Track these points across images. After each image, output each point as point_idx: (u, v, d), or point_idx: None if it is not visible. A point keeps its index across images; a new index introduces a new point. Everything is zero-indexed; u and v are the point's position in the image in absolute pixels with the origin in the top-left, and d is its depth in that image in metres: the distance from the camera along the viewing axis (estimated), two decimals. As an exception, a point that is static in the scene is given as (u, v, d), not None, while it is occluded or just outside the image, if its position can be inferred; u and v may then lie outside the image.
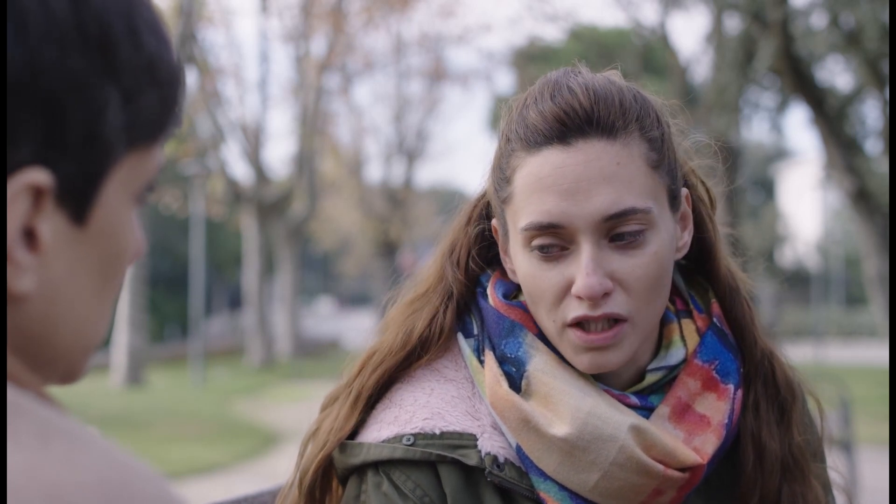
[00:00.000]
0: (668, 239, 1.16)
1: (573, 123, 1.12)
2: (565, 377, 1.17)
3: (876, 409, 11.88)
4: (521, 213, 1.15)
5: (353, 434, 1.23)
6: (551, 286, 1.14)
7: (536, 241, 1.14)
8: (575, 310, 1.13)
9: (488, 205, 1.28)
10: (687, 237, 1.23)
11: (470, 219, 1.30)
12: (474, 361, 1.22)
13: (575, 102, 1.13)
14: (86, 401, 13.59)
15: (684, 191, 1.22)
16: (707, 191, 1.29)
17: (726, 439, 1.19)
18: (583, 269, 1.11)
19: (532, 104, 1.16)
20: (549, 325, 1.17)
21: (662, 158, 1.16)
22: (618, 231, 1.12)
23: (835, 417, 7.22)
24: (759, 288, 1.35)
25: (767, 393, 1.25)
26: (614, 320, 1.13)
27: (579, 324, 1.14)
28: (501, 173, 1.19)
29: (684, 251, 1.23)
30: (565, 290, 1.14)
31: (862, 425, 9.68)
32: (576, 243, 1.13)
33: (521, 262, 1.18)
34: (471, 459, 1.16)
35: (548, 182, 1.12)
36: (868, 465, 7.98)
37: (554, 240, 1.13)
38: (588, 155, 1.12)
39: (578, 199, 1.11)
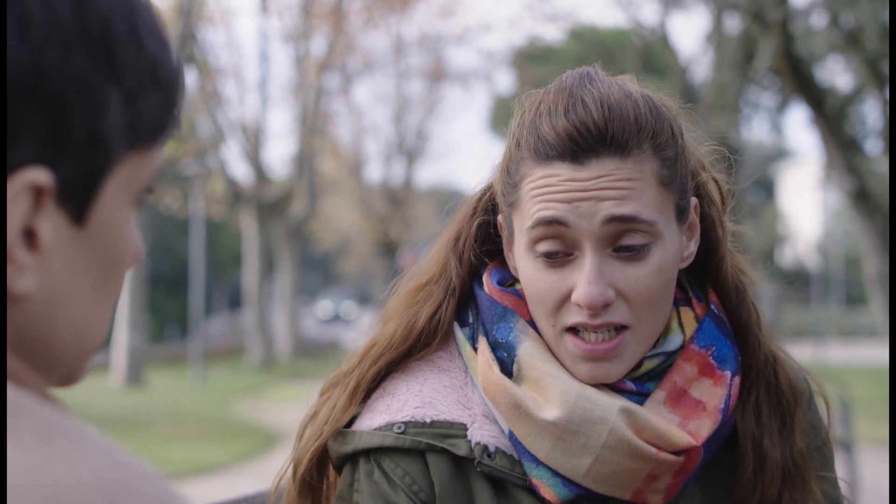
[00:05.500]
0: (672, 252, 1.16)
1: (585, 143, 1.12)
2: (555, 361, 1.17)
3: (876, 409, 11.87)
4: (527, 216, 1.15)
5: (349, 423, 1.23)
6: (552, 291, 1.14)
7: (542, 247, 1.14)
8: (574, 316, 1.14)
9: (493, 198, 1.28)
10: (693, 247, 1.23)
11: (475, 211, 1.30)
12: (468, 349, 1.23)
13: (588, 120, 1.12)
14: (86, 401, 13.57)
15: (693, 200, 1.22)
16: (719, 189, 1.29)
17: (722, 425, 1.19)
18: (585, 277, 1.12)
19: (546, 115, 1.15)
20: (548, 330, 1.17)
21: (674, 176, 1.16)
22: (622, 242, 1.13)
23: (835, 417, 7.20)
24: (759, 288, 1.34)
25: (770, 398, 1.24)
26: (615, 329, 1.14)
27: (577, 331, 1.14)
28: (509, 178, 1.19)
29: (689, 260, 1.23)
30: (566, 297, 1.14)
31: (862, 425, 9.67)
32: (580, 250, 1.13)
33: (524, 265, 1.18)
34: (460, 449, 1.16)
35: (555, 190, 1.13)
36: (868, 465, 7.97)
37: (559, 245, 1.14)
38: (599, 172, 1.12)
39: (584, 206, 1.12)
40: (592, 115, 1.12)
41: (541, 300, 1.16)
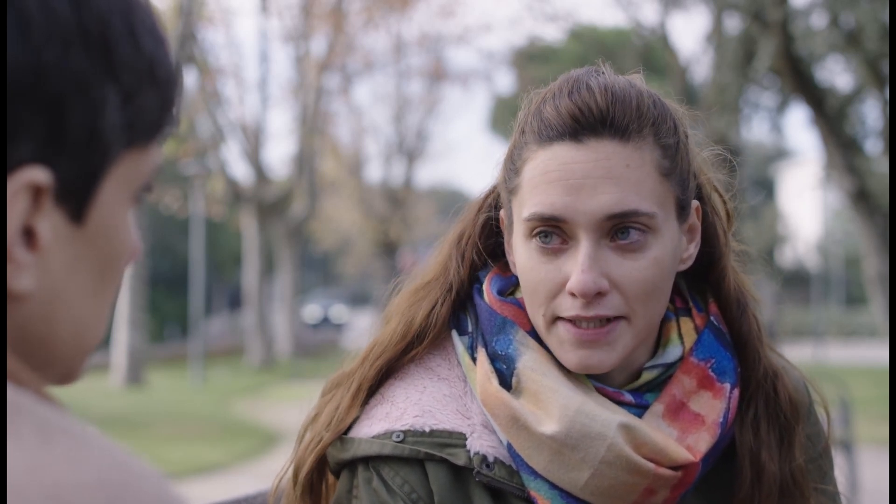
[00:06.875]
0: (670, 247, 1.16)
1: (587, 122, 1.13)
2: (555, 374, 1.17)
3: (876, 409, 11.87)
4: (526, 204, 1.16)
5: (348, 428, 1.23)
6: (546, 280, 1.14)
7: (538, 230, 1.14)
8: (568, 309, 1.13)
9: (498, 195, 1.28)
10: (693, 250, 1.22)
11: (480, 209, 1.30)
12: (467, 359, 1.22)
13: (591, 101, 1.13)
14: (86, 400, 13.57)
15: (695, 203, 1.22)
16: (724, 204, 1.28)
17: (721, 438, 1.19)
18: (579, 265, 1.11)
19: (550, 99, 1.17)
20: (538, 319, 1.17)
21: (674, 167, 1.16)
22: (619, 234, 1.12)
23: (835, 417, 7.19)
24: (759, 288, 1.33)
25: (769, 413, 1.23)
26: (607, 319, 1.13)
27: (571, 320, 1.14)
28: (512, 164, 1.20)
29: (689, 263, 1.22)
30: (560, 286, 1.14)
31: (862, 425, 9.67)
32: (576, 239, 1.13)
33: (520, 252, 1.18)
34: (459, 459, 1.16)
35: (554, 176, 1.13)
36: (868, 465, 7.97)
37: (555, 231, 1.14)
38: (598, 154, 1.12)
39: (583, 196, 1.11)
40: (595, 97, 1.13)
41: (535, 288, 1.16)
